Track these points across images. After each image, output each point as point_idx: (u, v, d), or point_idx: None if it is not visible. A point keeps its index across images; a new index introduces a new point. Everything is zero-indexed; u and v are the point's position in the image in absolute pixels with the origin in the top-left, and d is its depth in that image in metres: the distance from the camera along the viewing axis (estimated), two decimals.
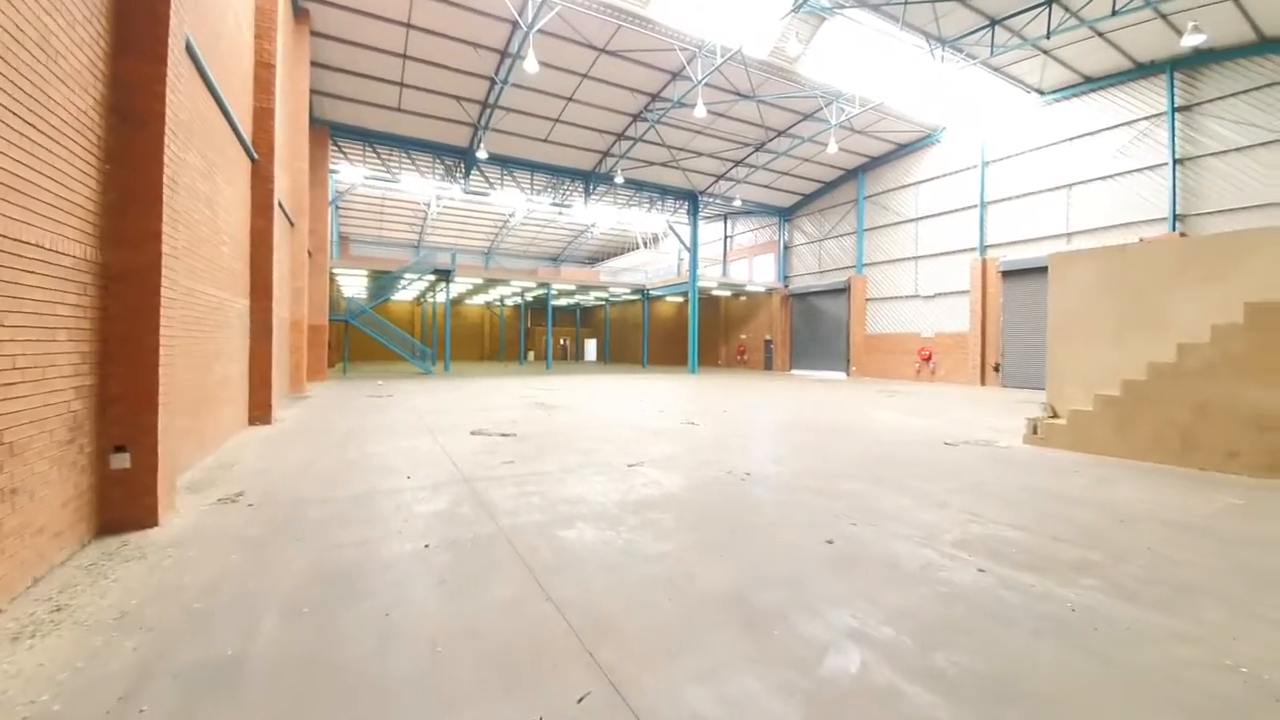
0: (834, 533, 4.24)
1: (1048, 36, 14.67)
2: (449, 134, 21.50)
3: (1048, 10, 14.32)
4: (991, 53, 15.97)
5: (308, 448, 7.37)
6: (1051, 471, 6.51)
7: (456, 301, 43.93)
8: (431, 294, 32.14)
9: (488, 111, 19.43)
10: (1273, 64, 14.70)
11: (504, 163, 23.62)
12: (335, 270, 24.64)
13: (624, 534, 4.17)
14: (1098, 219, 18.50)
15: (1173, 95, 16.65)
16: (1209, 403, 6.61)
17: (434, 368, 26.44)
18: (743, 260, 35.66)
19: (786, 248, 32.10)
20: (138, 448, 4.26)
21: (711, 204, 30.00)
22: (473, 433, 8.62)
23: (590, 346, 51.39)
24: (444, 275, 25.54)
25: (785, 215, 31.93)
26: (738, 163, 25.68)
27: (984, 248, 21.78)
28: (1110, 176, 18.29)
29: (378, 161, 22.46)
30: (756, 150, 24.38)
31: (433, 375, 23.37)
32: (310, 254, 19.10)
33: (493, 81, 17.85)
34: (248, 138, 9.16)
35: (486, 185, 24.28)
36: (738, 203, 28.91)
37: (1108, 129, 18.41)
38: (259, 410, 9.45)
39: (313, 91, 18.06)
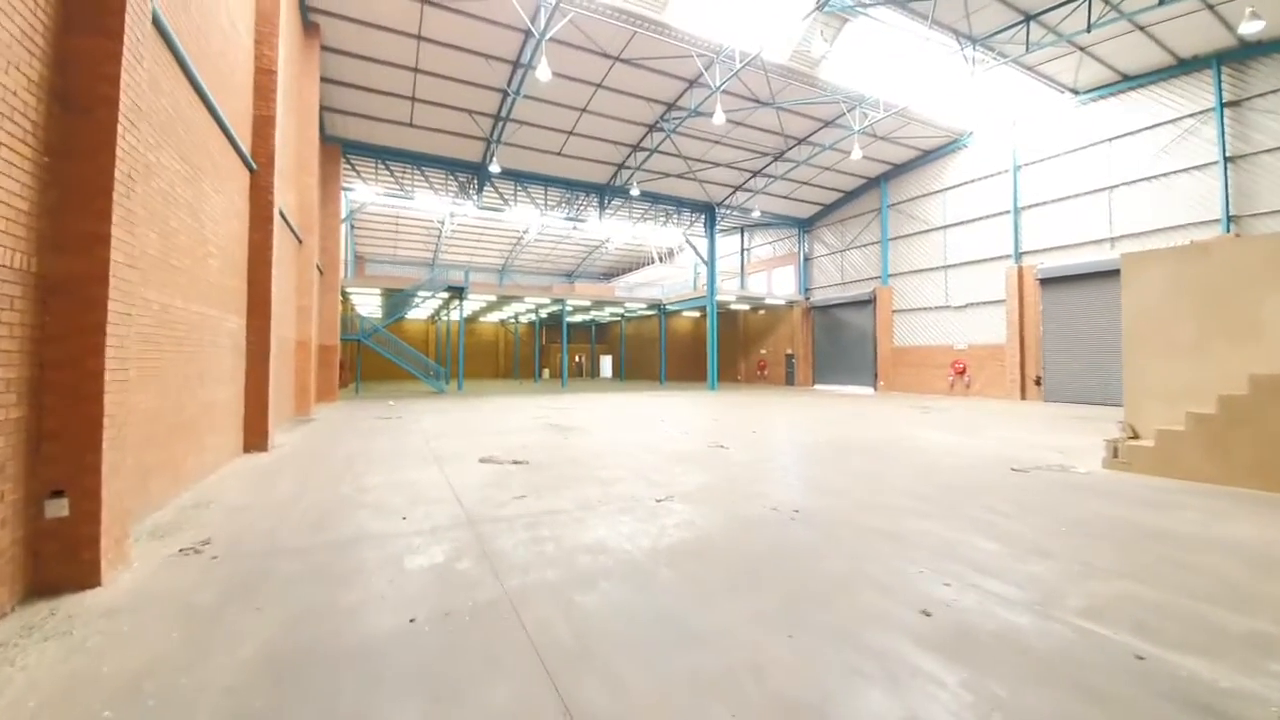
0: (925, 598, 3.36)
1: (1088, 30, 13.82)
2: (461, 149, 21.19)
3: (1088, 3, 13.49)
4: (1027, 50, 15.14)
5: (300, 479, 6.66)
6: (1148, 503, 5.53)
7: (471, 319, 43.71)
8: (445, 312, 31.83)
9: (500, 125, 19.06)
10: None
11: (517, 177, 23.25)
12: (348, 289, 24.37)
13: (659, 598, 3.33)
14: (1143, 222, 17.39)
15: (1220, 90, 15.64)
16: None
17: (447, 387, 25.90)
18: (761, 273, 34.85)
19: (807, 259, 31.24)
20: (77, 492, 3.56)
21: (729, 216, 29.36)
22: (482, 460, 7.86)
23: (606, 363, 50.75)
24: (457, 293, 25.12)
25: (805, 226, 31.13)
26: (756, 173, 25.03)
27: (1019, 255, 20.71)
28: (1155, 177, 17.23)
29: (390, 179, 22.22)
30: (775, 159, 23.72)
31: (445, 394, 22.80)
32: (321, 272, 18.76)
33: (505, 94, 17.47)
34: (245, 146, 8.67)
35: (500, 201, 23.92)
36: (756, 213, 28.21)
37: (1149, 128, 17.40)
38: (255, 437, 8.81)
39: (324, 108, 17.87)
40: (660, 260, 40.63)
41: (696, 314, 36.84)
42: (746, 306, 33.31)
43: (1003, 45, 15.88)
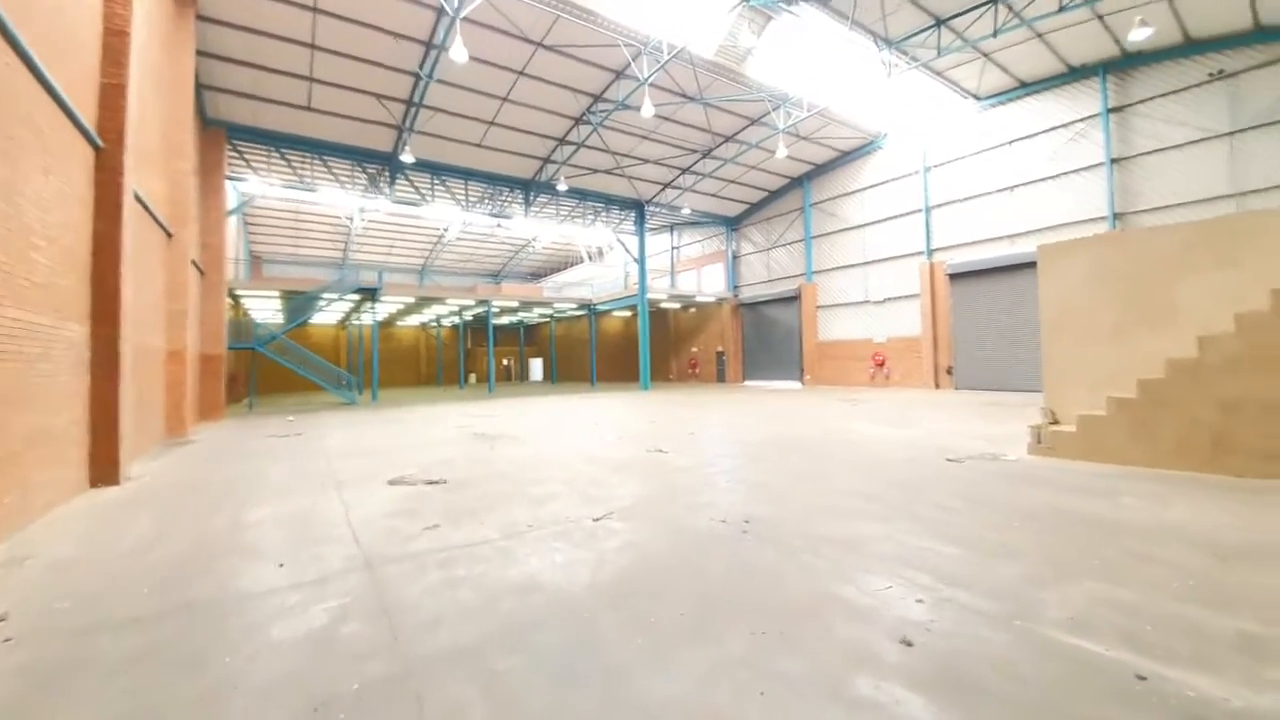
0: (902, 621, 2.96)
1: (994, 35, 14.62)
2: (370, 137, 19.43)
3: (993, 9, 14.26)
4: (938, 54, 15.86)
5: (156, 520, 5.44)
6: (1086, 491, 5.57)
7: (387, 324, 40.84)
8: (357, 316, 29.40)
9: (413, 111, 17.61)
10: (1199, 64, 15.30)
11: (434, 169, 21.72)
12: (239, 292, 21.82)
13: (603, 653, 2.71)
14: (1041, 219, 18.80)
15: (1106, 97, 17.14)
16: (1241, 400, 5.91)
17: (359, 397, 23.85)
18: (691, 271, 35.00)
19: (735, 257, 31.66)
20: None
21: (658, 214, 29.16)
22: (392, 482, 6.88)
23: (537, 366, 49.26)
24: (369, 295, 23.15)
25: (732, 224, 31.53)
26: (684, 170, 24.92)
27: (931, 251, 21.87)
28: (1050, 178, 18.66)
29: (287, 169, 20.01)
30: (704, 157, 23.70)
31: (358, 406, 20.90)
32: (201, 272, 16.53)
33: (417, 77, 16.11)
34: (87, 119, 7.15)
35: (416, 195, 22.26)
36: (686, 211, 28.17)
37: (1044, 132, 18.83)
38: (102, 468, 7.28)
39: (205, 87, 15.72)
40: (590, 259, 39.87)
41: (628, 313, 36.43)
42: (677, 305, 33.29)
43: (915, 49, 16.57)
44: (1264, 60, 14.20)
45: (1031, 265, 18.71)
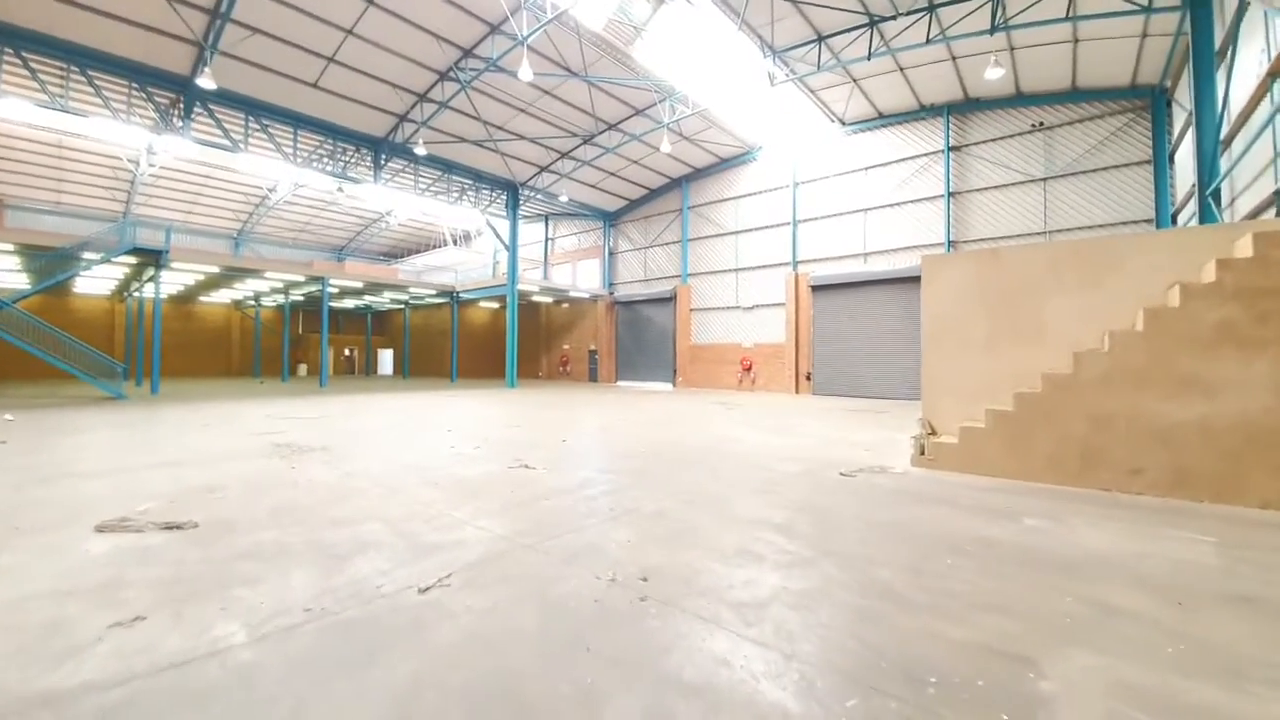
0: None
1: (868, 58, 15.24)
2: (160, 53, 14.91)
3: (869, 32, 14.83)
4: (818, 68, 16.23)
5: None
6: (987, 511, 5.20)
7: (187, 299, 33.30)
8: (139, 287, 23.15)
9: (218, 24, 13.76)
10: (1024, 115, 17.53)
11: (251, 108, 17.52)
12: None
13: None
14: (890, 240, 20.41)
15: (949, 136, 19.01)
16: (1111, 416, 6.03)
17: (126, 391, 18.59)
18: (566, 265, 33.40)
19: (612, 254, 30.73)
20: None
21: (533, 199, 27.16)
22: (103, 527, 4.48)
23: (386, 358, 43.96)
24: (153, 259, 18.13)
25: (610, 220, 30.56)
26: (564, 154, 23.32)
27: (796, 263, 22.83)
28: (899, 204, 20.33)
29: (28, 79, 14.63)
30: (585, 142, 22.33)
31: (126, 401, 16.11)
32: None
33: None
34: None
35: (224, 139, 17.77)
36: (564, 198, 26.51)
37: (896, 161, 20.48)
38: None
39: None
40: (455, 243, 36.26)
41: (495, 304, 33.76)
42: (550, 299, 31.50)
43: (796, 62, 16.86)
44: (1076, 118, 16.67)
45: (882, 283, 20.33)
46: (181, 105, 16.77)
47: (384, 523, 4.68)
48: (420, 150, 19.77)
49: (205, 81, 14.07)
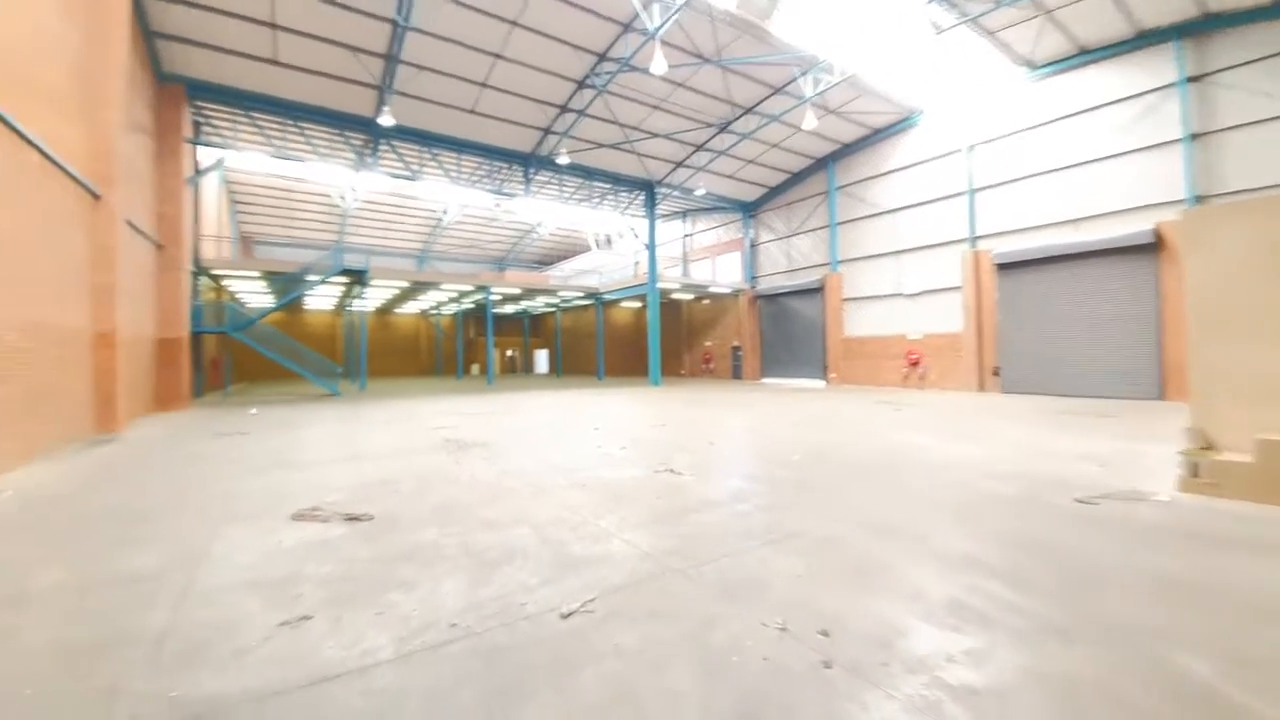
0: None
1: None
2: (348, 99, 17.37)
3: None
4: (997, 4, 13.58)
5: None
6: None
7: (385, 311, 39.19)
8: (349, 302, 27.63)
9: (392, 67, 15.59)
10: None
11: (423, 139, 19.71)
12: (218, 272, 20.05)
13: None
14: (1102, 203, 16.49)
15: (1183, 64, 14.79)
16: None
17: (340, 388, 22.06)
18: (705, 260, 32.86)
19: (753, 245, 29.46)
20: None
21: (670, 196, 27.05)
22: (299, 515, 4.94)
23: (541, 358, 47.42)
24: (357, 277, 21.33)
25: (749, 210, 29.32)
26: (699, 146, 22.76)
27: (974, 239, 19.60)
28: (1113, 156, 16.34)
29: (259, 136, 18.07)
30: (720, 131, 21.53)
31: (340, 398, 19.10)
32: (159, 246, 14.73)
33: (394, 25, 14.07)
34: None
35: (404, 168, 20.27)
36: (701, 191, 25.94)
37: (1107, 104, 16.48)
38: None
39: (156, 35, 13.82)
40: (598, 246, 37.80)
41: (637, 304, 34.40)
42: (690, 296, 31.20)
43: (965, 3, 14.33)
44: None
45: (1094, 255, 16.52)
46: (370, 144, 19.45)
47: (532, 527, 4.54)
48: (563, 160, 20.66)
49: (385, 119, 16.11)
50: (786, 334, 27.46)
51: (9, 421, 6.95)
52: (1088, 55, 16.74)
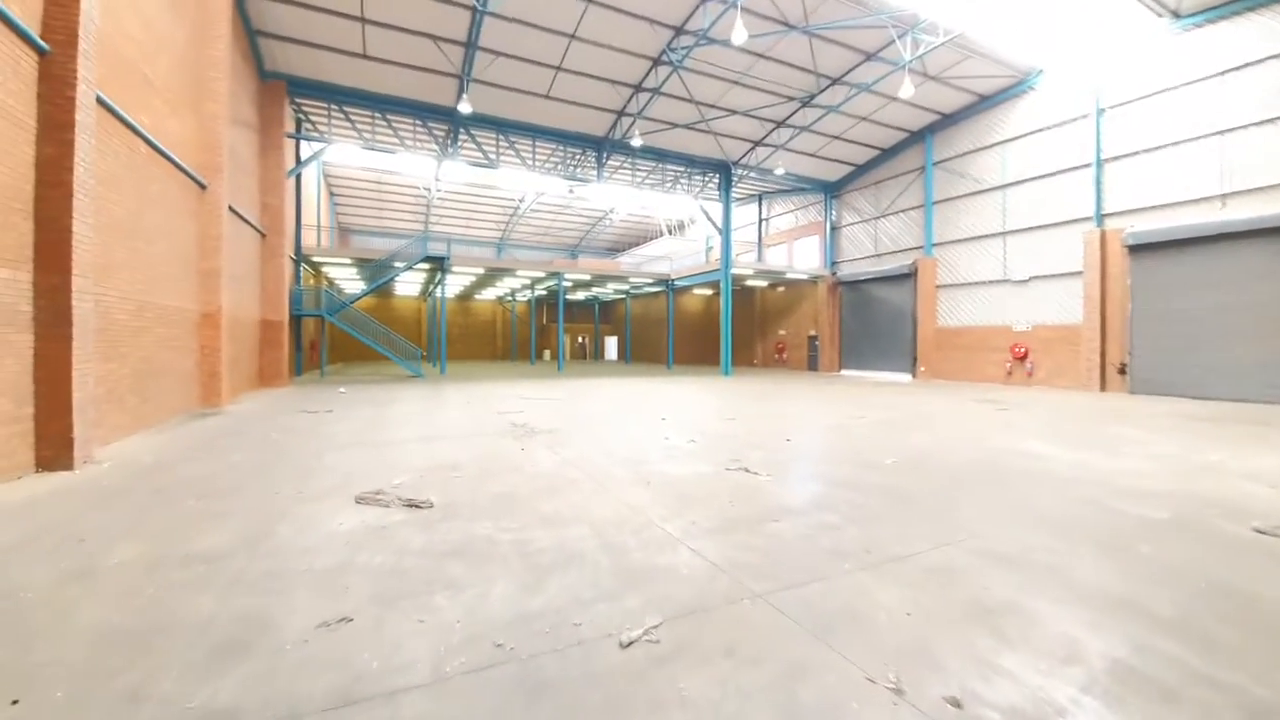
0: None
1: None
2: (431, 89, 17.77)
3: None
4: None
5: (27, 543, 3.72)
6: None
7: (464, 297, 40.78)
8: (432, 289, 28.88)
9: (471, 54, 15.71)
10: None
11: (499, 126, 19.89)
12: (316, 259, 21.45)
13: None
14: (1263, 176, 13.78)
15: None
16: None
17: (422, 370, 23.03)
18: (781, 245, 31.34)
19: (834, 228, 27.67)
20: None
21: (746, 178, 25.84)
22: (363, 498, 4.87)
23: (611, 345, 47.67)
24: (438, 264, 22.07)
25: (832, 191, 27.51)
26: (780, 123, 21.46)
27: (1101, 216, 17.13)
28: (1274, 120, 13.56)
29: (348, 127, 18.94)
30: (804, 105, 20.14)
31: (420, 379, 19.93)
32: (262, 234, 15.80)
33: (473, 10, 14.09)
34: (22, 12, 5.65)
35: (482, 157, 20.62)
36: (780, 171, 24.52)
37: (1270, 58, 13.68)
38: (53, 447, 5.93)
39: (259, 33, 14.70)
40: (669, 233, 37.14)
41: (709, 291, 33.53)
42: (764, 282, 29.91)
43: None
44: None
45: (1258, 234, 13.87)
46: (450, 133, 19.90)
47: (591, 527, 4.17)
48: (636, 142, 20.17)
49: (464, 106, 16.35)
50: (869, 323, 25.64)
51: (118, 396, 7.53)
52: (1245, 2, 13.97)
